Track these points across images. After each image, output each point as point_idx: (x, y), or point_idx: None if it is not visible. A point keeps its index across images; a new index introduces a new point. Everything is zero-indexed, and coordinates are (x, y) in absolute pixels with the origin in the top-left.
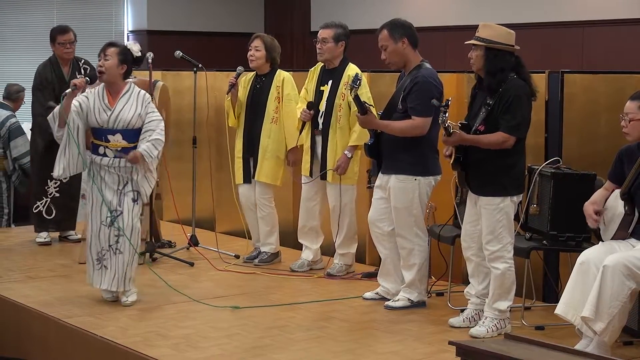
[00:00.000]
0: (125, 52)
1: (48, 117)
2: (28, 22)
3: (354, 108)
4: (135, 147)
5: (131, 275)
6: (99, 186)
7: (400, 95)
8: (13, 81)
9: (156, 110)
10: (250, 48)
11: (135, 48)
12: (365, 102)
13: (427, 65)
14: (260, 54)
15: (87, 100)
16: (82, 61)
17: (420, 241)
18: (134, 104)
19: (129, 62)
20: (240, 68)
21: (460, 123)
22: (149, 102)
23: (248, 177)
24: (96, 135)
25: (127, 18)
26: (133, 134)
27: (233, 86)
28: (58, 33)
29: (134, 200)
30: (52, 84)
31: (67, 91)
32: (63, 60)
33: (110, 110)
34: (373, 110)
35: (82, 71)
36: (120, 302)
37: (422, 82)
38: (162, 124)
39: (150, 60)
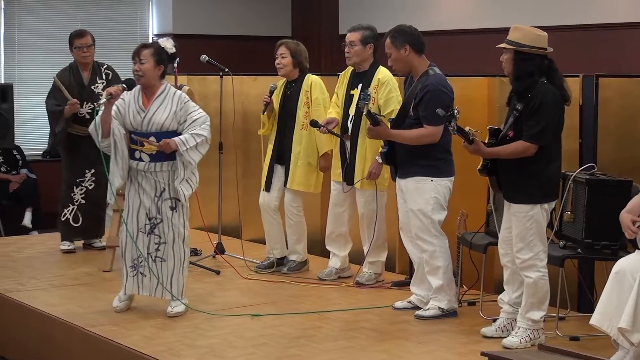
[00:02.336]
0: (160, 52)
1: (89, 129)
2: (51, 26)
3: (385, 111)
4: (171, 152)
5: (183, 284)
6: (136, 192)
7: (411, 103)
8: (34, 86)
9: (198, 108)
10: (276, 56)
11: (168, 45)
12: (377, 114)
13: (436, 70)
14: (287, 61)
15: (123, 103)
16: (104, 66)
17: (440, 242)
18: (168, 104)
19: (165, 61)
20: (273, 85)
21: (489, 128)
22: (187, 102)
23: (269, 186)
24: (131, 139)
25: (152, 21)
26: (167, 137)
27: (267, 105)
28: (75, 37)
29: (172, 209)
30: (69, 88)
31: (101, 101)
32: (82, 64)
33: (144, 112)
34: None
35: (104, 76)
36: (166, 313)
37: (432, 90)
38: (208, 121)
39: (175, 64)
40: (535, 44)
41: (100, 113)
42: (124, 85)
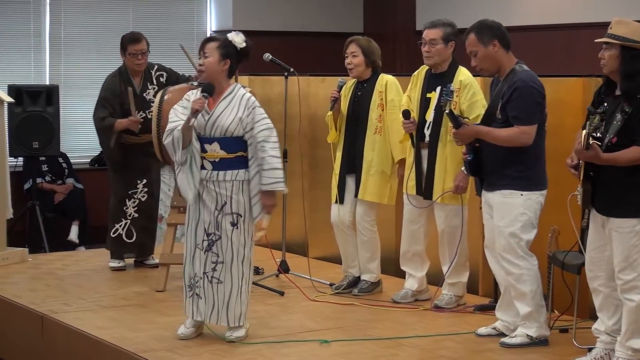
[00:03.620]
0: (226, 45)
1: (166, 144)
2: (99, 23)
3: (469, 117)
4: (235, 159)
5: (241, 310)
6: (196, 205)
7: (498, 104)
8: (84, 85)
9: (265, 115)
10: (346, 55)
11: (238, 39)
12: (460, 115)
13: (524, 66)
14: (359, 60)
15: (188, 104)
16: (155, 68)
17: (528, 265)
18: (234, 108)
19: (232, 56)
20: (341, 80)
21: (592, 136)
22: (255, 107)
23: (342, 197)
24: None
25: (210, 17)
26: (232, 143)
27: (336, 101)
28: (129, 42)
29: (233, 224)
30: (119, 98)
31: (190, 123)
32: (134, 71)
33: (209, 115)
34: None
35: (155, 81)
36: (225, 337)
37: (521, 87)
38: (272, 131)
39: None
40: None
41: (181, 127)
42: (204, 94)
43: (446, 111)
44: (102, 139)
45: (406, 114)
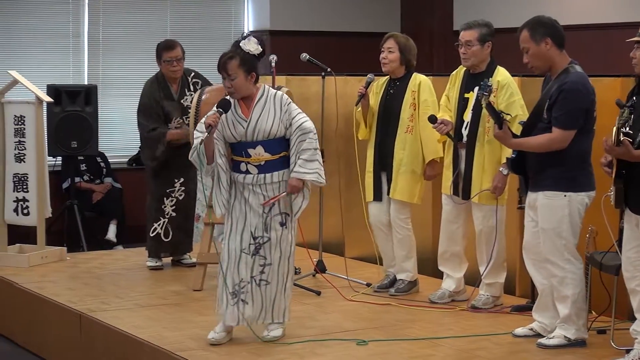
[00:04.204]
0: (247, 60)
1: (191, 159)
2: (137, 23)
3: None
4: (280, 160)
5: (285, 305)
6: (241, 209)
7: (545, 104)
8: (123, 84)
9: (299, 110)
10: (382, 49)
11: (252, 47)
12: (502, 112)
13: (577, 68)
14: (394, 56)
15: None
16: (192, 75)
17: (573, 268)
18: (271, 109)
19: (255, 66)
20: (370, 76)
21: (622, 132)
22: (289, 103)
23: (379, 194)
24: (235, 151)
25: (248, 17)
26: (276, 144)
27: (363, 96)
28: (163, 49)
29: (282, 224)
30: (160, 104)
31: (203, 137)
32: (170, 78)
33: (247, 122)
34: (509, 119)
35: (192, 87)
36: (261, 337)
37: (568, 89)
38: (310, 125)
39: (273, 64)
40: None
41: (201, 142)
42: (219, 110)
43: (484, 104)
44: (150, 146)
45: (432, 119)
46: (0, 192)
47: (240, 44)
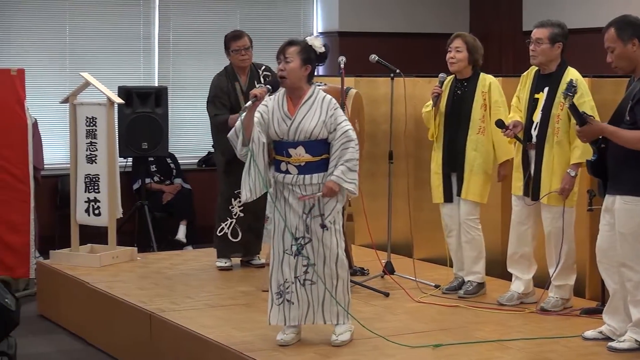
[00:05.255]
0: (307, 50)
1: (229, 136)
2: (207, 24)
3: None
4: (321, 162)
5: (337, 309)
6: (282, 209)
7: (628, 104)
8: (193, 86)
9: (346, 117)
10: (449, 49)
11: (317, 43)
12: (585, 112)
13: None
14: (462, 56)
15: (267, 109)
16: (262, 68)
17: None
18: (317, 111)
19: (313, 61)
20: (442, 75)
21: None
22: (336, 109)
23: (450, 195)
24: (277, 150)
25: (317, 19)
26: (317, 146)
27: (439, 97)
28: (231, 39)
29: (323, 226)
30: (228, 95)
31: (246, 104)
32: (239, 68)
33: (291, 120)
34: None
35: (262, 79)
36: (330, 342)
37: None
38: (354, 135)
39: (342, 65)
40: None
41: (242, 117)
42: (268, 86)
43: (567, 105)
44: (214, 135)
45: (499, 124)
46: (72, 193)
47: (307, 38)
